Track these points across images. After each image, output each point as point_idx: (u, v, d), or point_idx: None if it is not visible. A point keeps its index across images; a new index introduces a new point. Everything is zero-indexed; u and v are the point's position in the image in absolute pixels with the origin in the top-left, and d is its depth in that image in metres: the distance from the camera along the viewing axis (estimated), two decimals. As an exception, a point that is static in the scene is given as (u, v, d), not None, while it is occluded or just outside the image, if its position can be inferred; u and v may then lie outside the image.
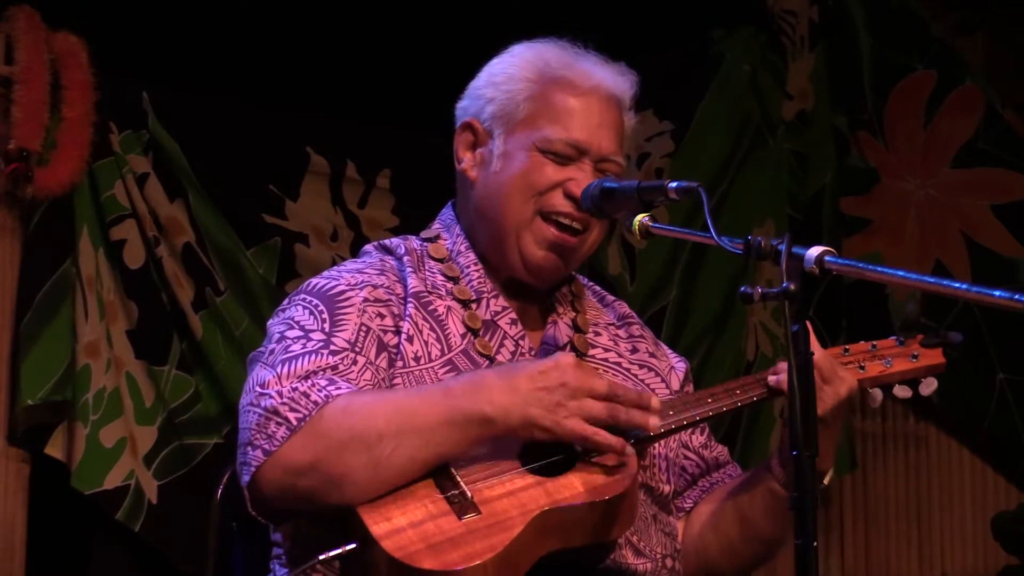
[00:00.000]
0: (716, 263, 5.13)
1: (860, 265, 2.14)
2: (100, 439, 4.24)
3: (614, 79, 2.60)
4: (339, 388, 2.31)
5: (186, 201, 4.47)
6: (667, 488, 2.61)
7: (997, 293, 1.96)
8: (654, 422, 2.36)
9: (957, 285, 2.03)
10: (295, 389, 2.30)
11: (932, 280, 2.07)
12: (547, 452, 2.37)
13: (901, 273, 2.11)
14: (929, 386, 2.63)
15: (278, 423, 2.28)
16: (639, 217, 2.48)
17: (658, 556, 2.53)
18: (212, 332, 4.47)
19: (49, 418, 4.24)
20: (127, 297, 4.39)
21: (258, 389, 2.33)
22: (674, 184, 2.41)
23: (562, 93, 2.55)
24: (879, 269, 2.15)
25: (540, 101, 2.55)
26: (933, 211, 5.36)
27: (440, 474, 2.32)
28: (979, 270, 5.25)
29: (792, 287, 2.09)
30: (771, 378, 2.50)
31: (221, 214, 4.54)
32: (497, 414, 2.29)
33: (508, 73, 2.59)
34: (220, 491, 2.69)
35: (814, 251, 2.12)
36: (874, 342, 2.63)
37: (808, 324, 2.12)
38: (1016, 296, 1.94)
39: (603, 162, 2.56)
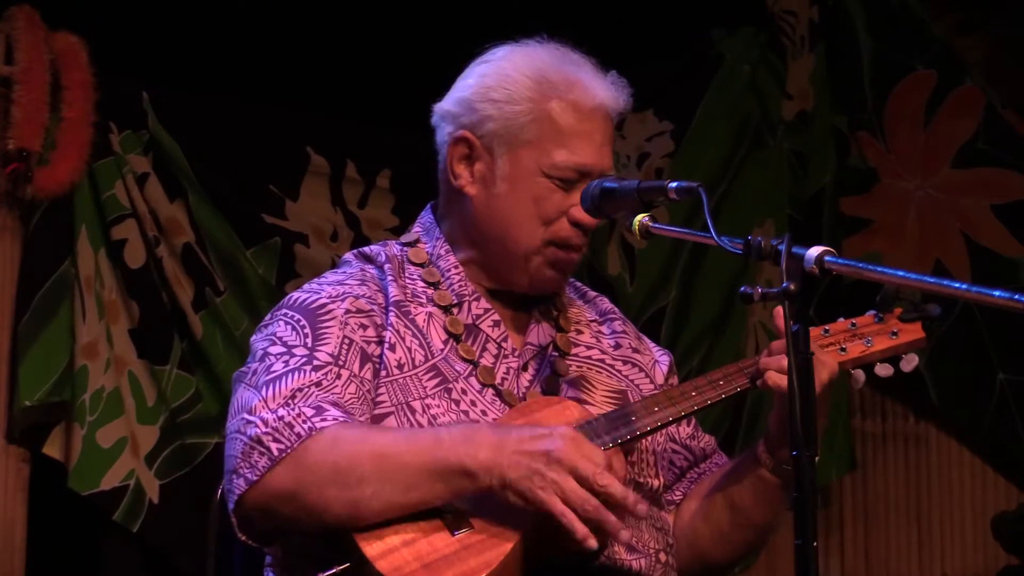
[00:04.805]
0: (716, 263, 5.13)
1: (860, 265, 2.13)
2: (97, 440, 4.24)
3: (614, 96, 2.56)
4: (324, 420, 2.29)
5: (186, 201, 4.47)
6: (656, 483, 2.60)
7: (997, 293, 1.96)
8: (624, 536, 2.27)
9: (957, 285, 2.03)
10: (280, 418, 2.30)
11: (932, 280, 2.06)
12: None
13: (901, 273, 2.11)
14: (910, 362, 2.60)
15: (261, 453, 2.28)
16: (639, 217, 2.47)
17: (651, 551, 2.52)
18: (212, 332, 4.47)
19: (47, 418, 4.24)
20: (128, 297, 4.39)
21: (244, 416, 2.34)
22: (674, 184, 2.40)
23: (568, 116, 2.51)
24: (879, 269, 2.14)
25: (546, 124, 2.50)
26: (933, 211, 5.35)
27: None
28: (979, 270, 5.24)
29: (792, 287, 2.09)
30: (759, 382, 2.47)
31: (221, 214, 4.54)
32: (478, 470, 2.25)
33: (507, 90, 2.52)
34: (220, 491, 2.68)
35: (814, 251, 2.11)
36: (853, 319, 2.61)
37: (780, 309, 2.12)
38: (1016, 296, 1.93)
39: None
